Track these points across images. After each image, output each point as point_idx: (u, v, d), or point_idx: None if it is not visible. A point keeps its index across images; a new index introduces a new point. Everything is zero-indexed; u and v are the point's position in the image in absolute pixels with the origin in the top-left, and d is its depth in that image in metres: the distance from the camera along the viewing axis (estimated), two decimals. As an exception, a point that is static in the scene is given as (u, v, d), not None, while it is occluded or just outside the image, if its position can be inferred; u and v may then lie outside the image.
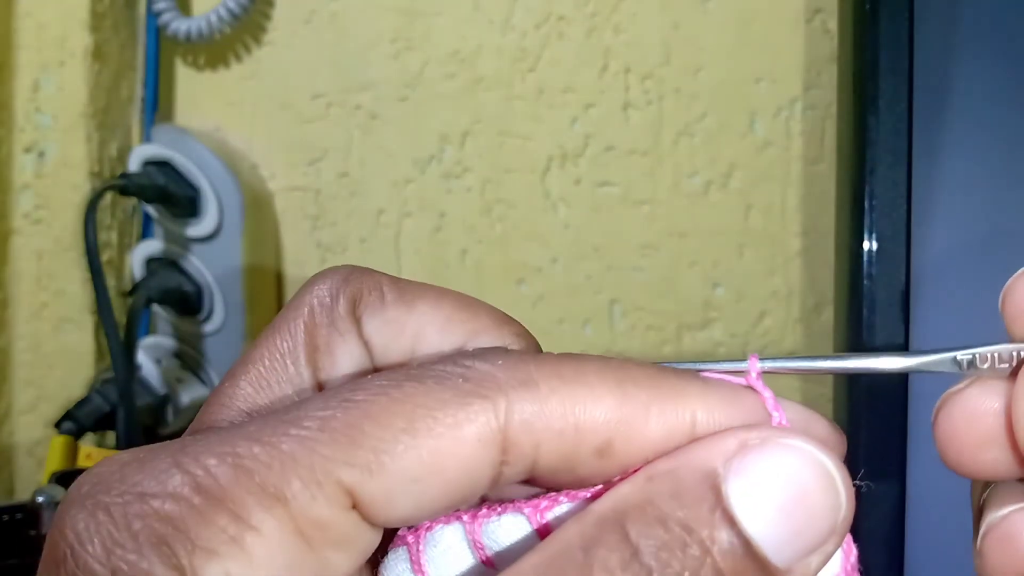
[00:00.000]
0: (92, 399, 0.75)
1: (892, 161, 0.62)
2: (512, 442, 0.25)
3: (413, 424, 0.24)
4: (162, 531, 0.23)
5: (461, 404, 0.24)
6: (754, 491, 0.24)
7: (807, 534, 0.24)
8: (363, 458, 0.24)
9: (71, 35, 0.78)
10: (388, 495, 0.24)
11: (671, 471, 0.25)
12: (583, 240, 0.78)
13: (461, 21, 0.79)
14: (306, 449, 0.24)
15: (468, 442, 0.24)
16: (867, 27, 0.63)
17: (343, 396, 0.25)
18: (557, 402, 0.25)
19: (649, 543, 0.23)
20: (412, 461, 0.24)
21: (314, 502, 0.24)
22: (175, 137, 0.80)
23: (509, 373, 0.25)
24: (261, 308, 0.81)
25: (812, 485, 0.24)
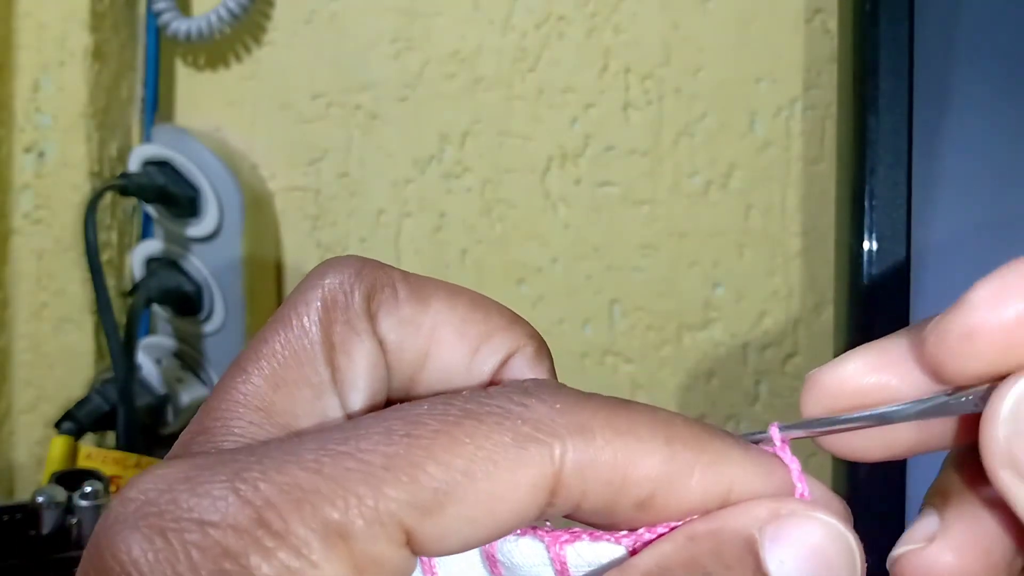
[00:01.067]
0: (92, 399, 0.75)
1: (892, 161, 0.62)
2: (562, 486, 0.25)
3: (473, 466, 0.24)
4: (224, 566, 0.23)
5: (519, 449, 0.25)
6: (788, 559, 0.26)
7: None
8: (425, 500, 0.24)
9: (71, 35, 0.78)
10: (442, 534, 0.24)
11: (712, 533, 0.26)
12: (583, 240, 0.78)
13: (461, 21, 0.79)
14: (371, 487, 0.24)
15: (523, 487, 0.25)
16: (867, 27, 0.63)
17: (404, 430, 0.25)
18: (610, 454, 0.26)
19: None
20: (469, 504, 0.24)
21: (374, 541, 0.24)
22: (175, 137, 0.80)
23: (566, 418, 0.26)
24: (261, 308, 0.81)
25: (835, 556, 0.26)
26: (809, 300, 0.75)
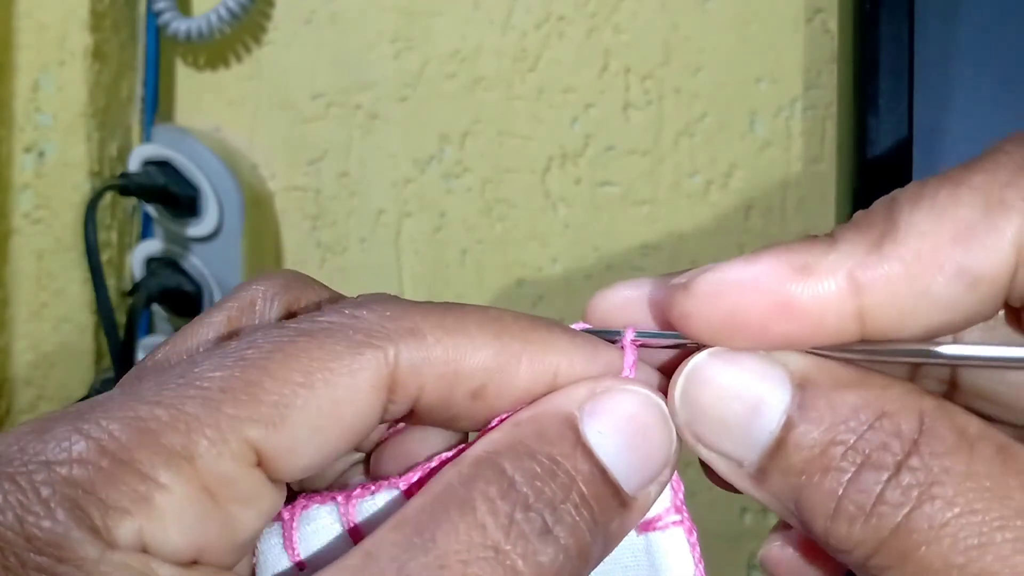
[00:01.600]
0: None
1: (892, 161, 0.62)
2: (399, 384, 0.27)
3: (310, 377, 0.26)
4: (72, 495, 0.23)
5: (354, 355, 0.26)
6: (605, 429, 0.28)
7: (649, 464, 0.28)
8: (266, 414, 0.25)
9: (71, 35, 0.78)
10: (292, 446, 0.26)
11: (534, 417, 0.28)
12: (583, 240, 0.78)
13: (461, 21, 0.79)
14: (209, 409, 0.25)
15: (362, 389, 0.27)
16: (867, 27, 0.63)
17: (238, 355, 0.26)
18: (441, 350, 0.28)
19: (523, 474, 0.26)
20: (312, 412, 0.26)
21: (220, 459, 0.25)
22: (175, 137, 0.80)
23: (396, 323, 0.27)
24: (261, 308, 0.81)
25: (651, 422, 0.28)
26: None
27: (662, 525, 0.30)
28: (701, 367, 0.28)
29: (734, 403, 0.28)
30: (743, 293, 0.28)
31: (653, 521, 0.30)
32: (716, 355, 0.28)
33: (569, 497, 0.27)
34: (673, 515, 0.30)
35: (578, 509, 0.27)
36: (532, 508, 0.26)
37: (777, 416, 0.27)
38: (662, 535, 0.30)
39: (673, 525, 0.30)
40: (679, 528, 0.30)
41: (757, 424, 0.27)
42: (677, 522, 0.30)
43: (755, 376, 0.28)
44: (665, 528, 0.30)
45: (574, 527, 0.26)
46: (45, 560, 0.23)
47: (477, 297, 0.80)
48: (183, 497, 0.24)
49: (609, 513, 0.27)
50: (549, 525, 0.26)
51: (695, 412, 0.28)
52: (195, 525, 0.25)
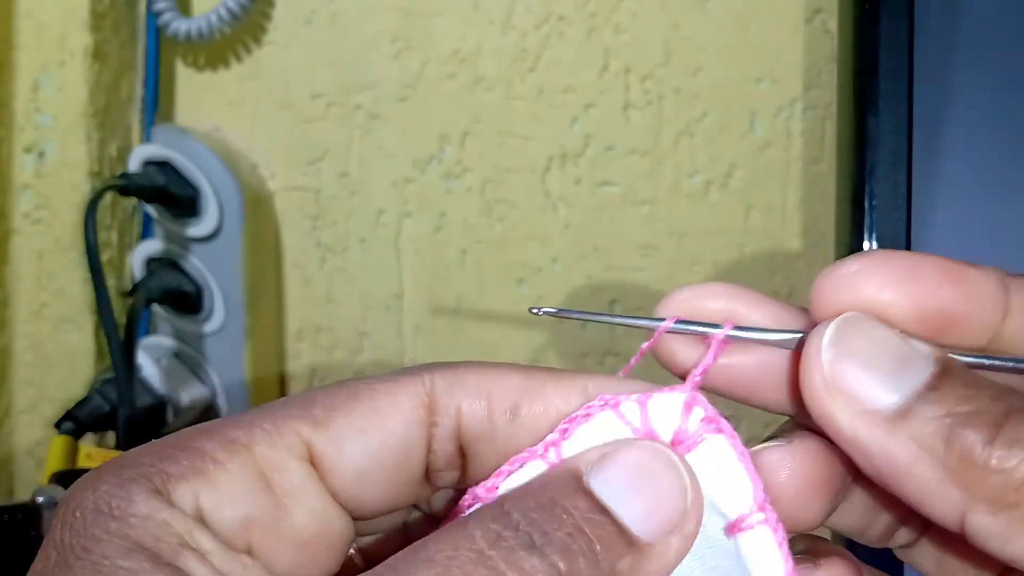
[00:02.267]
0: (92, 399, 0.75)
1: (892, 161, 0.62)
2: (438, 404, 0.30)
3: (356, 392, 0.30)
4: (146, 470, 0.27)
5: (394, 380, 0.30)
6: (609, 476, 0.29)
7: (661, 509, 0.28)
8: (316, 414, 0.29)
9: (71, 35, 0.78)
10: (339, 444, 0.29)
11: (543, 476, 0.30)
12: (583, 240, 0.78)
13: (461, 21, 0.79)
14: (268, 413, 0.29)
15: (400, 403, 0.30)
16: (867, 27, 0.63)
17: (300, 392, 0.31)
18: (472, 376, 0.31)
19: (520, 509, 0.28)
20: (356, 416, 0.29)
21: (274, 448, 0.28)
22: (175, 137, 0.80)
23: (436, 365, 0.31)
24: (261, 308, 0.81)
25: (657, 469, 0.29)
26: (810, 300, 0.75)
27: (747, 525, 0.30)
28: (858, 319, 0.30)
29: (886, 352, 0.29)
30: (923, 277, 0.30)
31: (738, 522, 0.30)
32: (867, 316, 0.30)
33: (562, 527, 0.27)
34: (757, 514, 0.30)
35: (572, 536, 0.27)
36: (521, 529, 0.27)
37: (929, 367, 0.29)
38: (750, 535, 0.30)
39: (759, 524, 0.30)
40: (765, 527, 0.30)
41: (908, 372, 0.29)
42: (762, 521, 0.30)
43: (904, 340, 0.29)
44: (751, 528, 0.30)
45: (565, 549, 0.27)
46: (102, 517, 0.26)
47: (477, 297, 0.80)
48: (237, 475, 0.28)
49: (614, 551, 0.28)
50: (536, 542, 0.27)
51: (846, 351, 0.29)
52: (246, 502, 0.28)
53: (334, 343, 0.83)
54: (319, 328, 0.83)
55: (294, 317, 0.84)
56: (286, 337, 0.84)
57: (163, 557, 0.25)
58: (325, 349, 0.83)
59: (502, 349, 0.79)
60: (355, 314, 0.82)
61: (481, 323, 0.80)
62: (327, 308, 0.83)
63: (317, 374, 0.84)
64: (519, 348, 0.79)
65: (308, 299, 0.83)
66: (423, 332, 0.81)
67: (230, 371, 0.80)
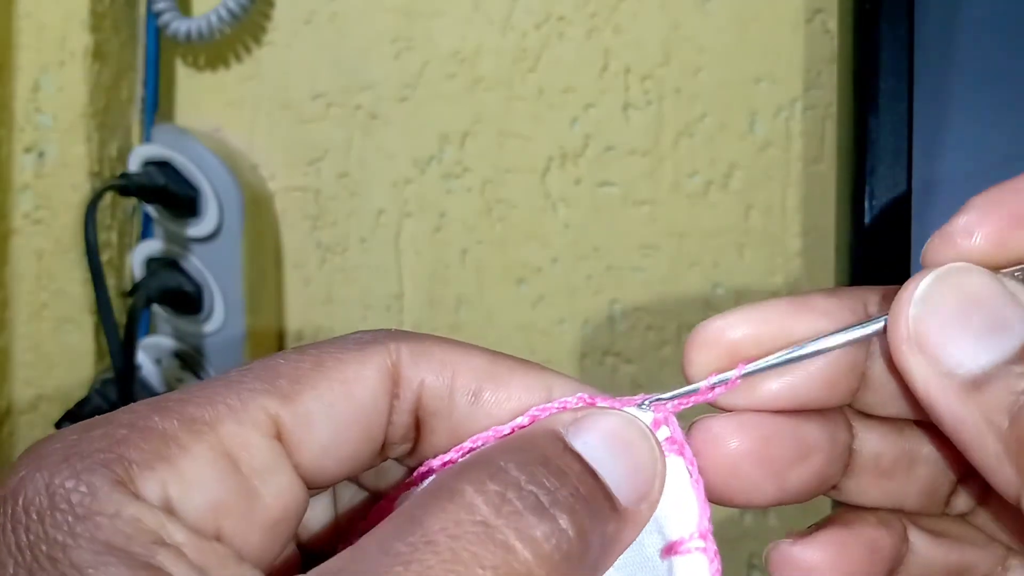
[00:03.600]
0: (92, 399, 0.75)
1: (892, 161, 0.62)
2: (401, 375, 0.30)
3: (323, 363, 0.29)
4: (104, 457, 0.25)
5: (360, 348, 0.29)
6: (590, 440, 0.28)
7: (637, 477, 0.28)
8: (282, 387, 0.28)
9: (71, 35, 0.78)
10: (307, 419, 0.28)
11: (521, 432, 0.29)
12: (583, 240, 0.78)
13: (461, 21, 0.79)
14: (231, 386, 0.27)
15: (369, 375, 0.29)
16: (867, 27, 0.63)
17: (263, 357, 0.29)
18: (439, 351, 0.30)
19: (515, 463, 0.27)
20: (323, 389, 0.28)
21: (240, 426, 0.27)
22: (175, 137, 0.80)
23: (401, 334, 0.31)
24: (261, 308, 0.81)
25: (633, 437, 0.29)
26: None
27: (684, 550, 0.29)
28: (955, 272, 0.28)
29: (980, 311, 0.28)
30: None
31: (676, 544, 0.29)
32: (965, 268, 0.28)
33: (564, 485, 0.26)
34: (697, 540, 0.29)
35: (574, 497, 0.26)
36: (524, 488, 0.26)
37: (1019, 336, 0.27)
38: (685, 560, 0.29)
39: (697, 551, 0.29)
40: (702, 555, 0.29)
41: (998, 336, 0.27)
42: (701, 548, 0.29)
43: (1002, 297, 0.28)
44: (688, 553, 0.29)
45: (572, 510, 0.26)
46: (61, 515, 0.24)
47: (477, 297, 0.80)
48: (204, 459, 0.26)
49: (603, 515, 0.27)
50: (544, 503, 0.26)
51: (931, 309, 0.28)
52: (215, 487, 0.26)
53: (334, 343, 0.83)
54: (319, 328, 0.83)
55: (294, 317, 0.84)
56: (286, 337, 0.84)
57: (138, 558, 0.23)
58: (325, 349, 0.83)
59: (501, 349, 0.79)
60: (355, 314, 0.82)
61: (481, 323, 0.80)
62: (327, 308, 0.83)
63: (317, 374, 0.84)
64: (519, 348, 0.79)
65: (308, 299, 0.83)
66: (422, 331, 0.81)
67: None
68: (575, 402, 0.30)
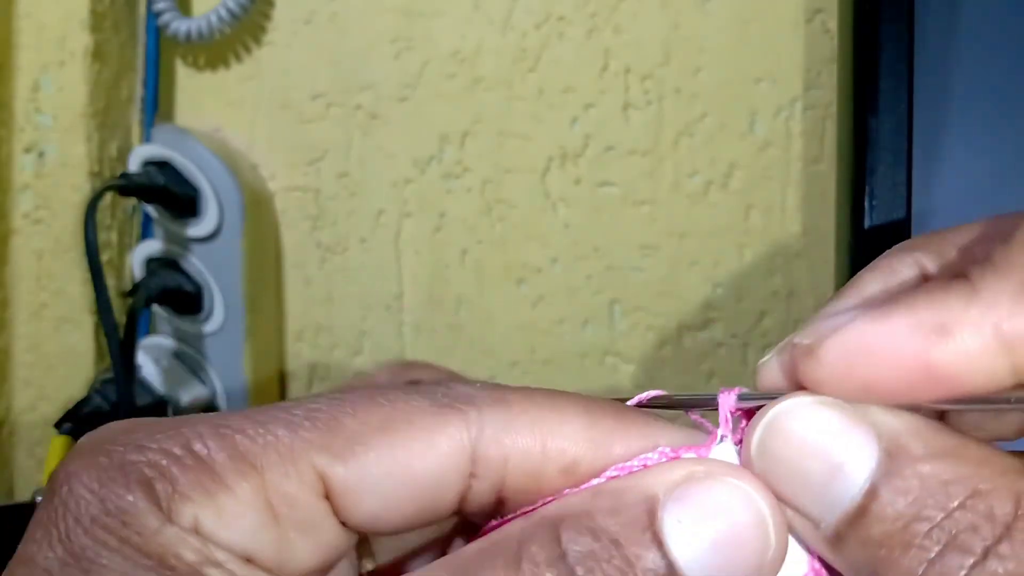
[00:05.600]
0: (92, 399, 0.75)
1: (892, 161, 0.62)
2: (481, 455, 0.26)
3: (390, 424, 0.26)
4: (149, 475, 0.25)
5: (436, 413, 0.26)
6: (688, 520, 0.25)
7: (734, 572, 0.25)
8: (338, 446, 0.26)
9: (71, 35, 0.78)
10: (357, 487, 0.26)
11: (616, 490, 0.26)
12: (583, 240, 0.78)
13: (461, 21, 0.79)
14: (289, 431, 0.26)
15: (439, 446, 0.26)
16: (867, 27, 0.63)
17: (332, 396, 0.27)
18: (527, 420, 0.26)
19: (576, 549, 0.24)
20: (384, 456, 0.26)
21: (286, 479, 0.25)
22: (175, 137, 0.80)
23: (485, 393, 0.27)
24: (261, 308, 0.81)
25: (745, 524, 0.25)
26: (810, 300, 0.75)
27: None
28: (781, 418, 0.26)
29: (815, 461, 0.25)
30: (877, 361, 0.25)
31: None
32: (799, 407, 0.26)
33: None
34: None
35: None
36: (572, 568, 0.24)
37: (860, 481, 0.25)
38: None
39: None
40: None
41: (838, 486, 0.25)
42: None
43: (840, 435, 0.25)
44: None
45: None
46: (111, 520, 0.24)
47: (477, 297, 0.80)
48: (245, 502, 0.25)
49: None
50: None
51: (772, 465, 0.26)
52: (249, 532, 0.25)
53: (334, 343, 0.83)
54: (319, 328, 0.83)
55: (294, 317, 0.84)
56: (286, 337, 0.84)
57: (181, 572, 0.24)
58: (325, 349, 0.83)
59: (502, 349, 0.79)
60: (355, 314, 0.82)
61: (481, 323, 0.80)
62: (327, 308, 0.83)
63: (317, 373, 0.84)
64: (518, 348, 0.79)
65: (308, 299, 0.83)
66: (423, 332, 0.81)
67: (230, 371, 0.80)
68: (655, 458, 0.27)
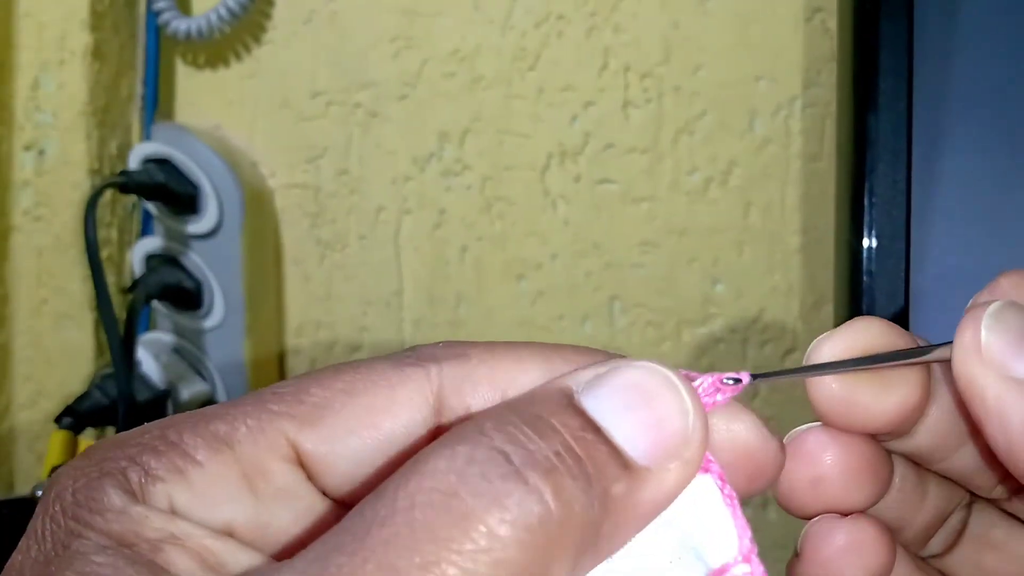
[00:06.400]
0: (92, 394, 0.75)
1: (891, 159, 0.62)
2: (444, 404, 0.27)
3: (352, 386, 0.27)
4: (124, 465, 0.25)
5: (398, 371, 0.27)
6: (602, 393, 0.25)
7: (659, 431, 0.25)
8: (304, 412, 0.26)
9: (71, 34, 0.79)
10: (328, 450, 0.26)
11: (530, 392, 0.26)
12: (583, 237, 0.78)
13: (461, 20, 0.79)
14: (256, 406, 0.26)
15: (401, 401, 0.27)
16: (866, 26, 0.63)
17: (300, 375, 0.28)
18: (485, 369, 0.27)
19: (497, 426, 0.24)
20: (348, 415, 0.26)
21: (257, 448, 0.26)
22: (175, 135, 0.80)
23: (445, 350, 0.28)
24: (261, 304, 0.81)
25: (656, 389, 0.25)
26: (808, 297, 0.76)
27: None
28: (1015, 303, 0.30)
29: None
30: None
31: (720, 573, 0.27)
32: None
33: (549, 444, 0.24)
34: (742, 565, 0.27)
35: (560, 456, 0.23)
36: (497, 449, 0.23)
37: None
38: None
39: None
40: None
41: None
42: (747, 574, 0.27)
43: None
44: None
45: (550, 470, 0.23)
46: (81, 510, 0.24)
47: (477, 293, 0.80)
48: (217, 476, 0.25)
49: (607, 473, 0.24)
50: (514, 462, 0.23)
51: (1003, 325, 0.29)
52: (226, 506, 0.26)
53: (334, 339, 0.83)
54: (319, 324, 0.83)
55: (294, 313, 0.84)
56: (286, 333, 0.84)
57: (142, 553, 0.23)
58: (325, 345, 0.83)
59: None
60: (355, 310, 0.82)
61: (480, 319, 0.80)
62: (327, 304, 0.83)
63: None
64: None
65: (308, 295, 0.83)
66: (422, 328, 0.81)
67: (230, 366, 0.80)
68: None
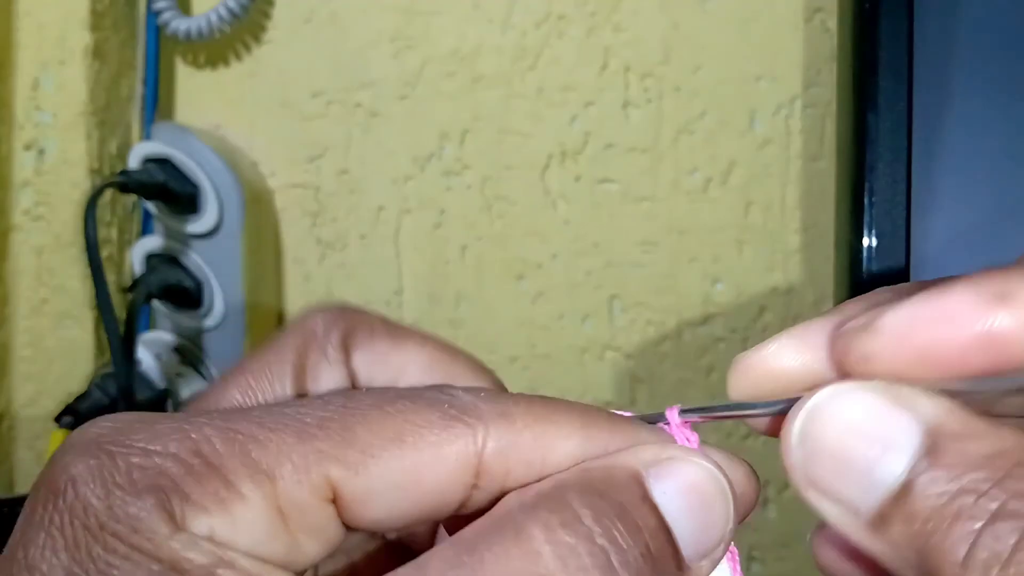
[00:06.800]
0: (92, 393, 0.75)
1: (892, 158, 0.62)
2: (486, 468, 0.27)
3: (401, 436, 0.27)
4: (160, 483, 0.25)
5: (445, 426, 0.27)
6: (670, 491, 0.27)
7: (707, 535, 0.27)
8: (352, 457, 0.26)
9: (71, 34, 0.79)
10: (367, 496, 0.26)
11: (603, 466, 0.28)
12: (583, 236, 0.78)
13: (461, 20, 0.79)
14: (303, 440, 0.26)
15: (447, 460, 0.27)
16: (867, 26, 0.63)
17: (341, 403, 0.27)
18: (530, 436, 0.28)
19: (590, 510, 0.26)
20: (394, 468, 0.26)
21: (299, 487, 0.26)
22: (175, 135, 0.80)
23: (490, 405, 0.28)
24: (261, 304, 0.81)
25: (713, 496, 0.28)
26: (809, 296, 0.76)
27: None
28: (825, 403, 0.27)
29: (859, 442, 0.26)
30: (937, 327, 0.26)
31: None
32: (842, 393, 0.27)
33: (637, 543, 0.26)
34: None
35: (644, 558, 0.25)
36: (596, 543, 0.25)
37: (905, 460, 0.26)
38: None
39: None
40: None
41: (882, 467, 0.26)
42: None
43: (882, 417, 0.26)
44: None
45: (639, 571, 0.25)
46: (121, 528, 0.24)
47: (477, 293, 0.80)
48: (258, 511, 0.25)
49: (667, 570, 0.26)
50: (614, 564, 0.25)
51: (814, 451, 0.27)
52: (262, 540, 0.26)
53: (334, 339, 0.83)
54: (319, 324, 0.83)
55: (294, 312, 0.84)
56: (286, 333, 0.84)
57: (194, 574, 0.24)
58: (325, 345, 0.83)
59: (502, 344, 0.79)
60: (355, 311, 0.82)
61: (480, 318, 0.80)
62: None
63: (316, 371, 0.84)
64: (518, 344, 0.79)
65: (308, 295, 0.83)
66: (422, 327, 0.81)
67: (230, 365, 0.80)
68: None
